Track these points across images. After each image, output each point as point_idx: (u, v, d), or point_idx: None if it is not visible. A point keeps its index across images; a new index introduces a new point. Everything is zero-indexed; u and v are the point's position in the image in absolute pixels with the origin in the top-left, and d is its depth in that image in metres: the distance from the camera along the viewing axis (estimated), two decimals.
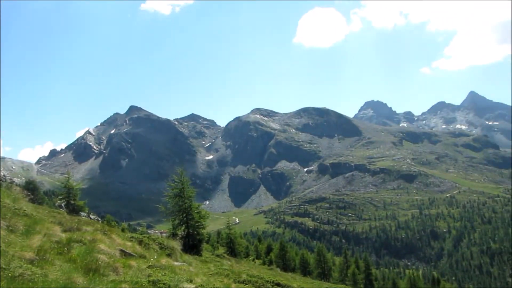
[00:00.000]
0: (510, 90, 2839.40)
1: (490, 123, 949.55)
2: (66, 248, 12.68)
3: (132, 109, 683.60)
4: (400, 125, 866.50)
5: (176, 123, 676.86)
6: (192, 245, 34.31)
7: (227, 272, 22.57)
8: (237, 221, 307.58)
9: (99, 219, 50.22)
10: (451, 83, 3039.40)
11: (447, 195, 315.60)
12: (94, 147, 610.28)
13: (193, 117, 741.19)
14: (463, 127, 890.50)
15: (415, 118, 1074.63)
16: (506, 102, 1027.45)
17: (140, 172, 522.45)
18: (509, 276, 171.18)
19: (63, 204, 42.11)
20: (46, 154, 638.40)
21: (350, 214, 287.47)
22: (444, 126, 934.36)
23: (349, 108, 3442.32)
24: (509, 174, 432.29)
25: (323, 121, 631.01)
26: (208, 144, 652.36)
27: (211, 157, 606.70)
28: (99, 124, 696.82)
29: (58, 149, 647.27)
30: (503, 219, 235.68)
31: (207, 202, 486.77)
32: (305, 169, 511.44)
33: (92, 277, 10.62)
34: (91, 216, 44.55)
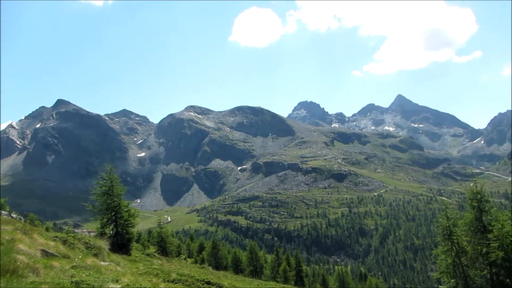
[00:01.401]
0: (434, 94, 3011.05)
1: (416, 125, 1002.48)
2: None
3: (60, 103, 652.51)
4: (332, 125, 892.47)
5: (107, 118, 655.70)
6: (121, 244, 33.33)
7: (156, 271, 22.09)
8: (169, 220, 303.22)
9: (22, 218, 47.50)
10: (380, 86, 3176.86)
11: (375, 194, 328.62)
12: (17, 142, 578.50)
13: (125, 113, 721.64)
14: (391, 129, 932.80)
15: (346, 119, 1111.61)
16: (430, 106, 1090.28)
17: (67, 169, 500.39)
18: (430, 271, 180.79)
19: None
20: None
21: (282, 213, 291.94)
22: (373, 128, 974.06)
23: (283, 108, 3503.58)
24: (432, 174, 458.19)
25: (257, 120, 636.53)
26: (140, 141, 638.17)
27: (143, 154, 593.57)
28: (23, 117, 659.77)
29: None
30: (426, 217, 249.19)
31: (138, 201, 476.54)
32: (239, 168, 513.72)
33: (10, 279, 10.03)
34: (12, 215, 41.98)
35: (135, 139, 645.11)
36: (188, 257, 76.66)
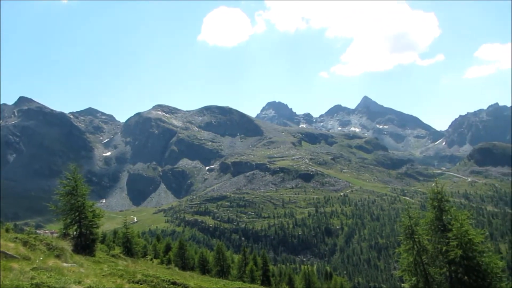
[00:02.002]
0: (399, 96, 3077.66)
1: (381, 126, 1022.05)
2: None
3: (22, 100, 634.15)
4: (300, 126, 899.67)
5: (71, 116, 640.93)
6: (84, 245, 32.73)
7: (121, 272, 21.84)
8: (136, 220, 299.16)
9: None
10: (347, 88, 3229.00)
11: (341, 194, 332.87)
12: None
13: (90, 111, 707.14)
14: (357, 130, 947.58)
15: (314, 120, 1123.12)
16: (395, 108, 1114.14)
17: (29, 168, 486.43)
18: (393, 269, 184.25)
19: None
20: None
21: (250, 212, 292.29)
22: (340, 128, 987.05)
23: (251, 108, 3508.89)
24: (396, 174, 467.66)
25: (226, 120, 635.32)
26: (106, 140, 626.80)
27: (109, 153, 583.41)
28: None
29: None
30: (389, 216, 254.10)
31: (104, 201, 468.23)
32: (207, 168, 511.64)
33: None
34: None
35: (101, 138, 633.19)
36: (155, 257, 75.84)
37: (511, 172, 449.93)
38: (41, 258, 16.09)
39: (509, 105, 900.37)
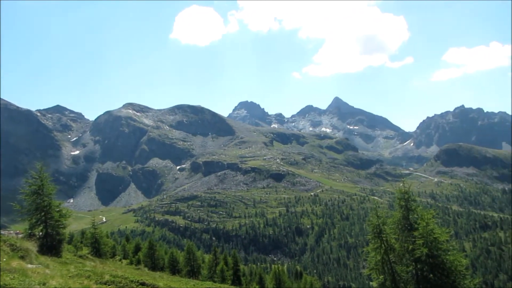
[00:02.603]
0: (369, 97, 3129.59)
1: (351, 127, 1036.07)
2: None
3: None
4: (272, 126, 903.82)
5: (38, 114, 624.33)
6: (50, 246, 32.03)
7: (88, 273, 21.48)
8: (104, 220, 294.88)
9: None
10: (318, 88, 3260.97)
11: (312, 193, 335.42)
12: None
13: (58, 109, 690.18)
14: (328, 130, 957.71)
15: (286, 120, 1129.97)
16: (365, 109, 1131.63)
17: None
18: (362, 268, 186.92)
19: None
20: None
21: (221, 212, 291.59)
22: (311, 129, 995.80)
23: (223, 108, 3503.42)
24: (365, 174, 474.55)
25: (197, 119, 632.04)
26: (75, 139, 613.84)
27: (77, 152, 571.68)
28: None
29: None
30: (359, 216, 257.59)
31: (72, 200, 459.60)
32: (178, 167, 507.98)
33: None
34: None
35: (69, 136, 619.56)
36: (124, 258, 74.96)
37: (475, 172, 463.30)
38: (4, 260, 15.68)
39: (474, 107, 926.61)
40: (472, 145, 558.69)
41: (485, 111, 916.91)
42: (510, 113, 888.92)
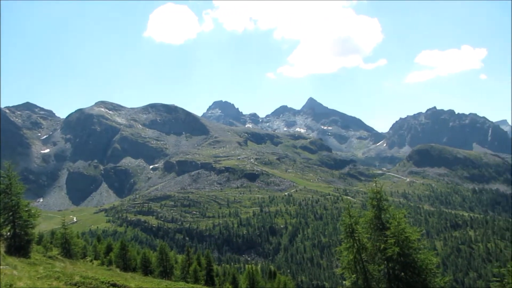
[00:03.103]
0: (343, 98, 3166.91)
1: (325, 127, 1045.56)
2: None
3: None
4: (246, 126, 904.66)
5: (7, 111, 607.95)
6: (19, 247, 31.26)
7: (58, 274, 21.02)
8: (75, 220, 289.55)
9: None
10: (293, 89, 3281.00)
11: (286, 193, 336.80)
12: None
13: (28, 106, 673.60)
14: (302, 131, 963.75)
15: (260, 120, 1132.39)
16: (339, 110, 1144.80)
17: None
18: (335, 267, 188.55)
19: None
20: None
21: (194, 212, 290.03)
22: (285, 129, 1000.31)
23: (198, 107, 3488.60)
24: (339, 174, 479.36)
25: (171, 118, 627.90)
26: (45, 137, 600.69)
27: (47, 150, 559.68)
28: None
29: None
30: (332, 215, 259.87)
31: (41, 200, 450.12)
32: (151, 166, 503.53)
33: None
34: None
35: (39, 134, 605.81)
36: (95, 259, 73.92)
37: (446, 173, 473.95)
38: None
39: (446, 109, 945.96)
40: (443, 146, 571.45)
41: (456, 112, 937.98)
42: (480, 115, 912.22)
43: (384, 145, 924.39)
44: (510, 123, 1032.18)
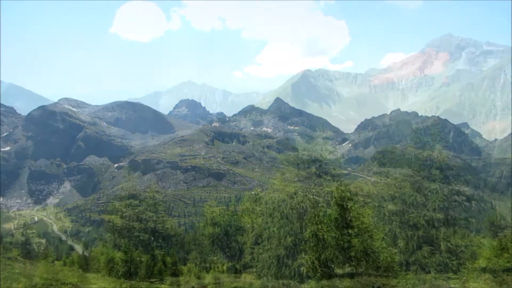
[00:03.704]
0: (309, 99, 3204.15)
1: (292, 127, 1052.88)
2: None
3: None
4: (213, 125, 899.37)
5: None
6: None
7: (17, 276, 20.56)
8: (37, 220, 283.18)
9: None
10: (260, 89, 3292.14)
11: (252, 192, 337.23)
12: None
13: None
14: (269, 130, 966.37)
15: (227, 119, 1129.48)
16: (306, 110, 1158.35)
17: None
18: (301, 265, 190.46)
19: None
20: None
21: (160, 211, 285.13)
22: (252, 128, 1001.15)
23: (164, 105, 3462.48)
24: (305, 174, 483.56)
25: (136, 117, 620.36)
26: (5, 134, 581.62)
27: (7, 148, 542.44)
28: None
29: None
30: (298, 215, 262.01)
31: (1, 199, 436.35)
32: (116, 165, 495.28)
33: None
34: None
35: None
36: (57, 259, 72.42)
37: (410, 173, 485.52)
38: None
39: (410, 111, 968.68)
40: (407, 146, 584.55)
41: (419, 115, 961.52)
42: (443, 117, 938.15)
43: (350, 145, 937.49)
44: (470, 126, 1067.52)
